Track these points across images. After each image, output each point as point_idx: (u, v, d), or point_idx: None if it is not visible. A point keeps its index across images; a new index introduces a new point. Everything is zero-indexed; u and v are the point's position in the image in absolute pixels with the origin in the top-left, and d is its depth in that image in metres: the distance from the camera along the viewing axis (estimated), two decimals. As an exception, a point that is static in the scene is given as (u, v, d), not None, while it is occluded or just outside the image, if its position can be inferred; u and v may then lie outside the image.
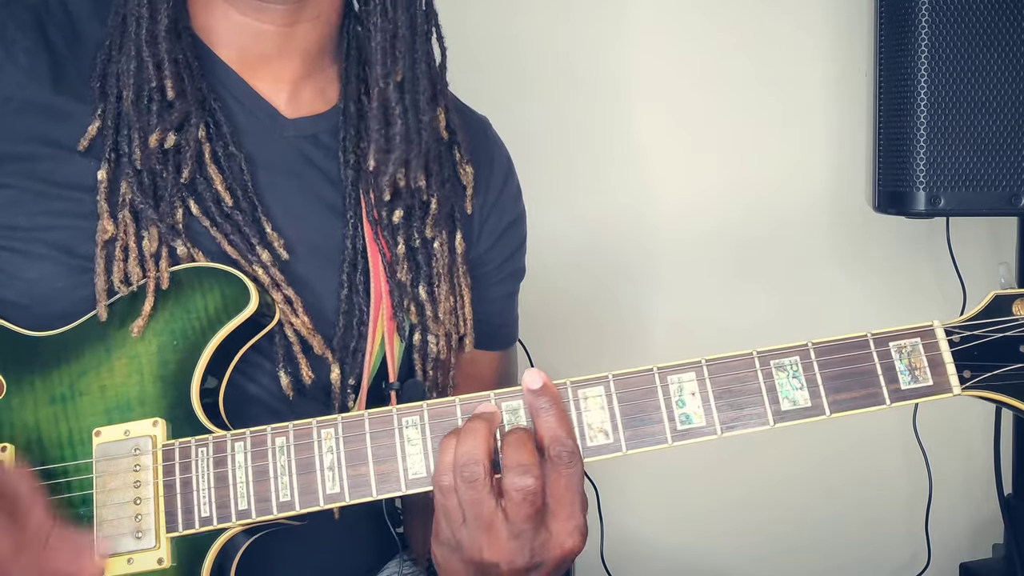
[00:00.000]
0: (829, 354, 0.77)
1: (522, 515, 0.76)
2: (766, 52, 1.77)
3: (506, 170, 1.09)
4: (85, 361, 0.86)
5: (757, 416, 0.76)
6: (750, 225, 1.79)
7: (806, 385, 0.77)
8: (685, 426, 0.77)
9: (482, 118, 1.11)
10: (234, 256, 0.90)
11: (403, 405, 0.81)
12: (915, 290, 1.84)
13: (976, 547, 1.83)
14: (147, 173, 0.89)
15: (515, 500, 0.75)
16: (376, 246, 0.96)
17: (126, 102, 0.88)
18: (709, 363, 0.78)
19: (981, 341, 0.74)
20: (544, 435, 0.78)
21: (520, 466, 0.75)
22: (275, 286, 0.91)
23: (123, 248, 0.87)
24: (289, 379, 0.92)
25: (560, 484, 0.77)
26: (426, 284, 0.98)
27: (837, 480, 1.81)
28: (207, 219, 0.90)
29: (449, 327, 1.00)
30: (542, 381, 0.78)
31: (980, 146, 1.38)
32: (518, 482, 0.75)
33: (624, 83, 1.77)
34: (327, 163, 0.97)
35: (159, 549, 0.81)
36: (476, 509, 0.76)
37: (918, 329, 0.76)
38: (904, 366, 0.76)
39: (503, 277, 1.09)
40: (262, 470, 0.81)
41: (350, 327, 0.95)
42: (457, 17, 0.98)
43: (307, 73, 0.97)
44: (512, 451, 0.76)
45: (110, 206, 0.88)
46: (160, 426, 0.84)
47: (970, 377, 0.74)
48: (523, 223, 1.12)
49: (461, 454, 0.76)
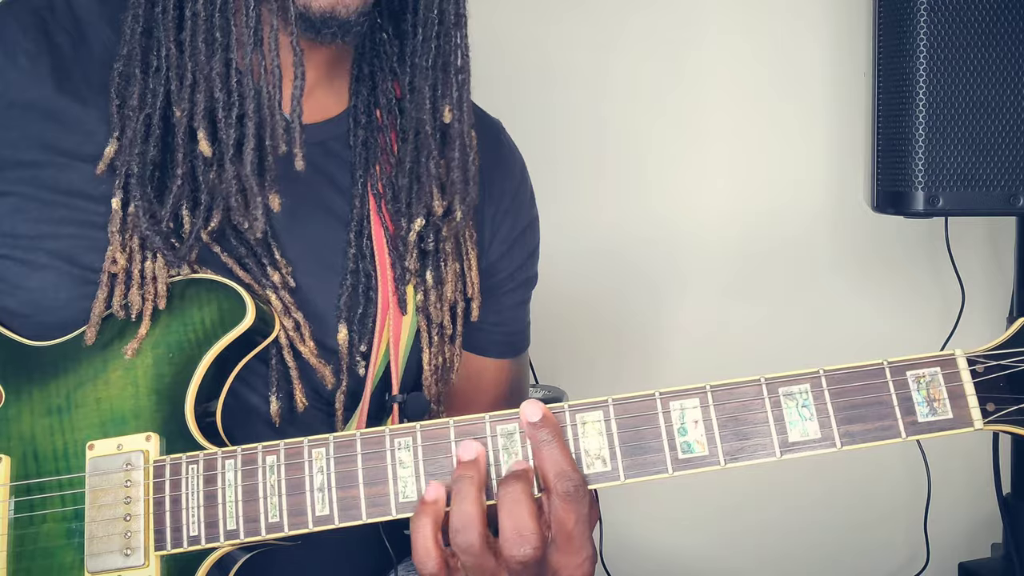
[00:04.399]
0: (842, 383, 0.66)
1: (525, 574, 0.67)
2: (767, 53, 1.70)
3: (519, 176, 1.00)
4: (82, 372, 0.79)
5: (763, 447, 0.66)
6: (749, 225, 1.72)
7: (816, 416, 0.66)
8: (687, 455, 0.67)
9: (495, 121, 1.01)
10: (247, 280, 0.82)
11: (396, 427, 0.72)
12: (913, 289, 1.76)
13: (975, 547, 1.74)
14: (168, 212, 0.79)
15: (515, 569, 0.67)
16: (384, 254, 0.87)
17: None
18: (714, 389, 0.67)
19: (1007, 372, 0.63)
20: (548, 470, 0.68)
21: (518, 536, 0.66)
22: (286, 312, 0.82)
23: (126, 274, 0.79)
24: (279, 405, 0.83)
25: (569, 520, 0.67)
26: (433, 271, 0.89)
27: (836, 480, 1.73)
28: (218, 244, 0.82)
29: (454, 297, 0.90)
30: (541, 412, 0.68)
31: (979, 146, 1.31)
32: (517, 554, 0.66)
33: (623, 84, 1.70)
34: (334, 170, 0.88)
35: (148, 567, 0.73)
36: (479, 571, 0.68)
37: (938, 358, 0.65)
38: (922, 397, 0.65)
39: (515, 285, 0.99)
40: (251, 489, 0.73)
41: (352, 337, 0.86)
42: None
43: (324, 79, 0.88)
44: (507, 516, 0.66)
45: (122, 236, 0.79)
46: (153, 441, 0.76)
47: (994, 411, 0.63)
48: (535, 229, 1.02)
49: (454, 519, 0.67)
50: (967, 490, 1.74)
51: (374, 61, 0.91)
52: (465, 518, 0.66)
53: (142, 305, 0.78)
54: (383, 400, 0.89)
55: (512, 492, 0.67)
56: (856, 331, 1.73)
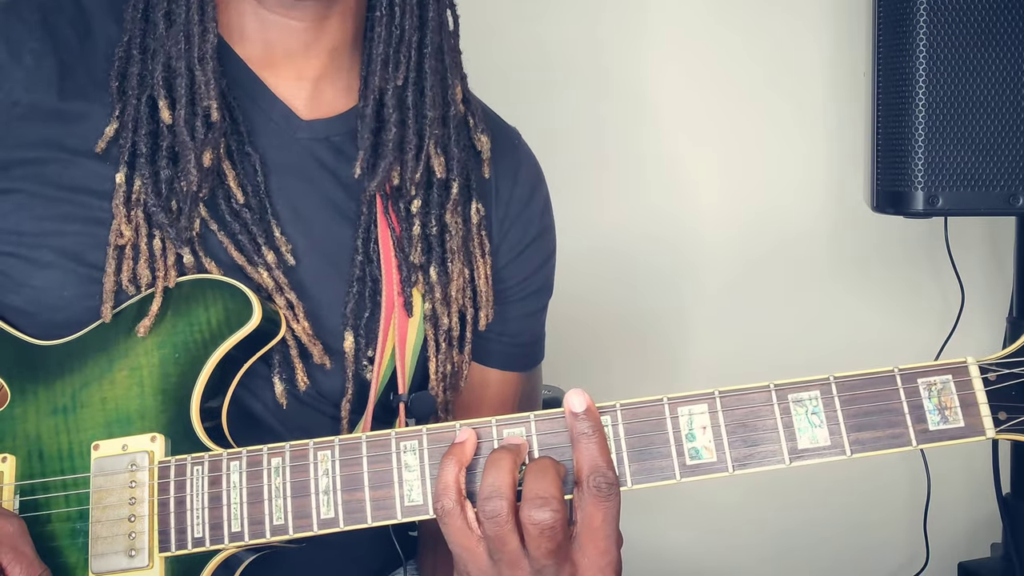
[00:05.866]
0: (852, 390, 0.65)
1: (541, 550, 0.65)
2: (766, 53, 1.68)
3: (533, 183, 0.97)
4: (87, 372, 0.78)
5: (772, 454, 0.64)
6: (747, 225, 1.71)
7: (826, 423, 0.64)
8: (695, 461, 0.66)
9: (511, 129, 0.99)
10: (239, 261, 0.81)
11: (403, 429, 0.71)
12: (913, 289, 1.75)
13: (974, 546, 1.72)
14: (164, 177, 0.79)
15: (532, 534, 0.64)
16: (390, 251, 0.86)
17: (163, 112, 0.79)
18: (722, 395, 0.66)
19: (1020, 380, 0.61)
20: (584, 463, 0.66)
21: (539, 498, 0.64)
22: (278, 290, 0.81)
23: (133, 248, 0.78)
24: (284, 387, 0.82)
25: (597, 518, 0.65)
26: (439, 265, 0.87)
27: (836, 480, 1.71)
28: (215, 221, 0.81)
29: (463, 302, 0.89)
30: (586, 403, 0.67)
31: (978, 146, 1.29)
32: (535, 515, 0.64)
33: (623, 84, 1.68)
34: (340, 167, 0.87)
35: (152, 568, 0.72)
36: (499, 547, 0.65)
37: (950, 365, 0.63)
38: (933, 405, 0.63)
39: (526, 295, 0.96)
40: (256, 491, 0.71)
41: (359, 342, 0.84)
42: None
43: (331, 70, 0.87)
44: (532, 480, 0.65)
45: (127, 209, 0.78)
46: (159, 441, 0.75)
47: (1006, 419, 0.61)
48: (550, 237, 0.98)
49: (484, 487, 0.65)
50: (967, 490, 1.73)
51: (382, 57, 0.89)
52: (496, 484, 0.65)
53: (152, 279, 0.78)
54: (388, 402, 0.88)
55: (540, 464, 0.66)
56: (855, 331, 1.72)
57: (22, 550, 0.71)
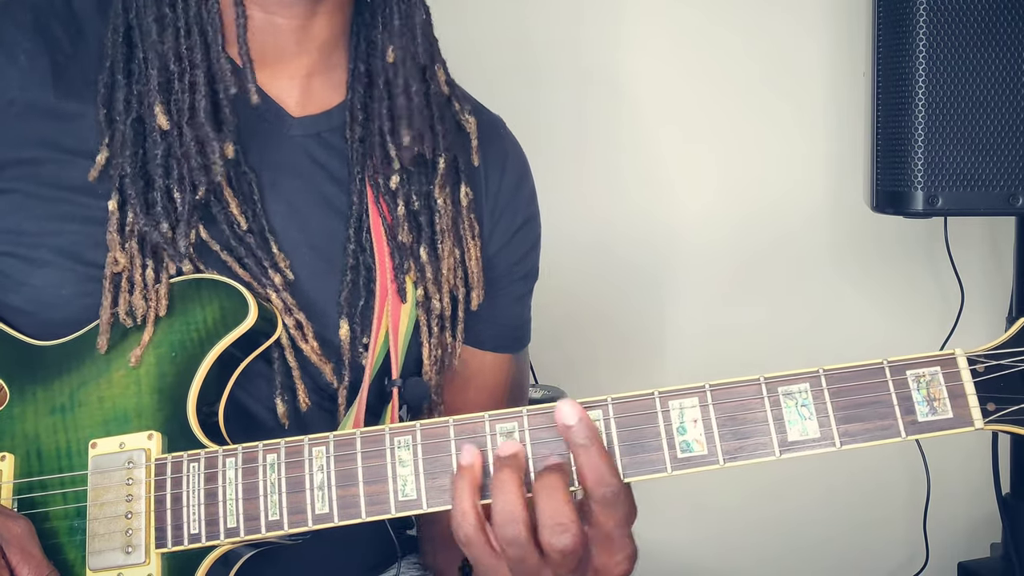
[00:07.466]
0: (841, 382, 0.65)
1: (566, 568, 0.66)
2: (766, 53, 1.68)
3: (520, 170, 0.98)
4: (85, 372, 0.78)
5: (762, 447, 0.64)
6: (747, 225, 1.70)
7: (815, 415, 0.64)
8: (686, 454, 0.66)
9: (496, 117, 1.00)
10: (247, 279, 0.81)
11: (396, 425, 0.71)
12: (913, 289, 1.74)
13: (974, 546, 1.71)
14: (162, 197, 0.79)
15: (555, 559, 0.65)
16: (382, 240, 0.86)
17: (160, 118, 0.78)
18: (713, 388, 0.66)
19: (1008, 372, 0.61)
20: (587, 475, 0.65)
21: (558, 525, 0.64)
22: (287, 311, 0.81)
23: (128, 280, 0.78)
24: (286, 407, 0.82)
25: (608, 523, 0.65)
26: (428, 246, 0.87)
27: (835, 479, 1.71)
28: (218, 243, 0.81)
29: (454, 282, 0.89)
30: (578, 416, 0.66)
31: (978, 146, 1.28)
32: (556, 543, 0.64)
33: (620, 82, 1.67)
34: (332, 161, 0.87)
35: (149, 564, 0.72)
36: (521, 565, 0.66)
37: (938, 357, 0.63)
38: (922, 396, 0.63)
39: (515, 279, 0.98)
40: (252, 487, 0.72)
41: (354, 330, 0.85)
42: (469, 16, 0.87)
43: (321, 67, 0.87)
44: (545, 502, 0.65)
45: (120, 237, 0.78)
46: (155, 439, 0.75)
47: (994, 410, 0.61)
48: (535, 224, 1.00)
49: (497, 512, 0.65)
50: (966, 490, 1.72)
51: (368, 45, 0.89)
52: (509, 510, 0.65)
53: (146, 310, 0.78)
54: (382, 387, 0.88)
55: (548, 482, 0.65)
56: (855, 331, 1.71)
57: (30, 551, 0.71)
